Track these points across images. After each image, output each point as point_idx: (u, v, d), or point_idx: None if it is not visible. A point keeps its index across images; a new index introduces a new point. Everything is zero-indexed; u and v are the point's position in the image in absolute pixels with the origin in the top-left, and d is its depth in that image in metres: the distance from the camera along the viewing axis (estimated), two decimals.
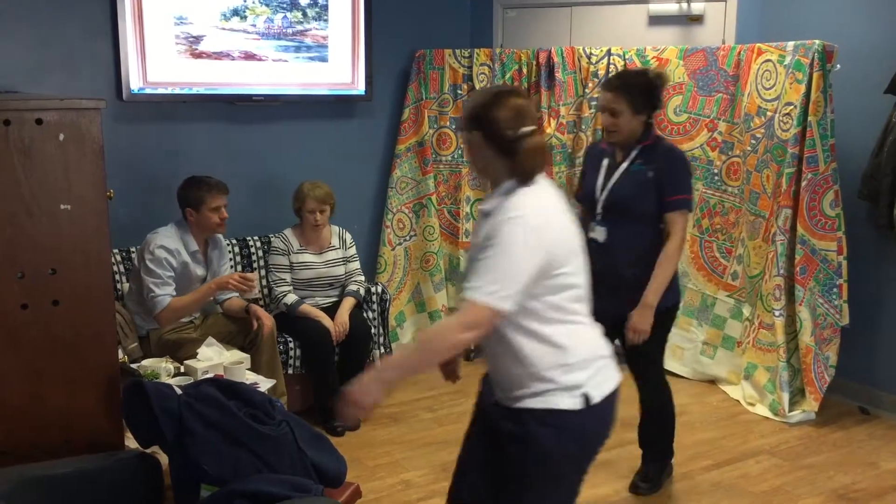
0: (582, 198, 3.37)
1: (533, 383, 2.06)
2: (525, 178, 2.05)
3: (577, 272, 2.08)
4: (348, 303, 4.13)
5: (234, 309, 3.88)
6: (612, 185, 3.17)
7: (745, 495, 3.44)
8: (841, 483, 3.55)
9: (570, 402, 2.05)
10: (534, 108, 2.15)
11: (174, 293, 3.68)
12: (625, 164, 3.16)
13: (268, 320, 3.77)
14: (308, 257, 4.18)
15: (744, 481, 3.55)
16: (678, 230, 3.11)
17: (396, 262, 5.08)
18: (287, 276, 4.14)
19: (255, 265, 4.42)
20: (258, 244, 4.45)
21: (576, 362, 2.06)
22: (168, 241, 3.70)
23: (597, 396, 2.08)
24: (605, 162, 3.22)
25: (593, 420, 2.10)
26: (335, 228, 4.30)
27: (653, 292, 3.09)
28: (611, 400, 2.13)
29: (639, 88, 3.09)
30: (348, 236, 4.33)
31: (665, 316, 3.22)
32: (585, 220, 3.26)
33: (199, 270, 3.84)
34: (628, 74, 3.32)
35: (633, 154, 3.15)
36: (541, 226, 1.99)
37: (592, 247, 3.00)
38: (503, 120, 2.04)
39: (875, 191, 4.00)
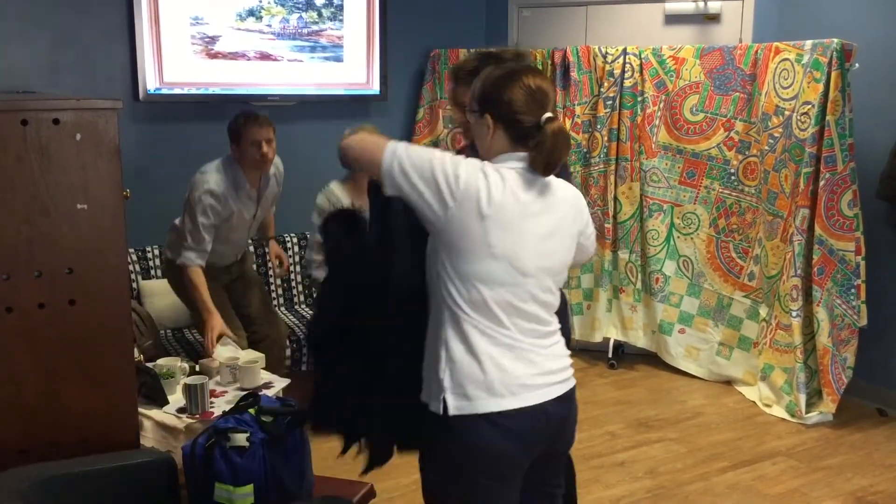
0: None
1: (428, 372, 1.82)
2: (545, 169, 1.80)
3: (513, 285, 1.78)
4: None
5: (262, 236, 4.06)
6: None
7: (761, 497, 3.41)
8: (859, 485, 3.52)
9: (435, 405, 1.76)
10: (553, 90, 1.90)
11: (207, 251, 3.47)
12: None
13: (285, 267, 4.04)
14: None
15: (760, 483, 3.53)
16: None
17: None
18: None
19: (268, 263, 4.41)
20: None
21: (446, 363, 1.76)
22: (217, 185, 3.44)
23: (454, 409, 1.73)
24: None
25: (455, 438, 1.75)
26: None
27: None
28: (481, 423, 1.73)
29: None
30: None
31: None
32: None
33: (248, 211, 3.62)
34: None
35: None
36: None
37: None
38: (520, 103, 1.79)
39: (894, 190, 3.96)
